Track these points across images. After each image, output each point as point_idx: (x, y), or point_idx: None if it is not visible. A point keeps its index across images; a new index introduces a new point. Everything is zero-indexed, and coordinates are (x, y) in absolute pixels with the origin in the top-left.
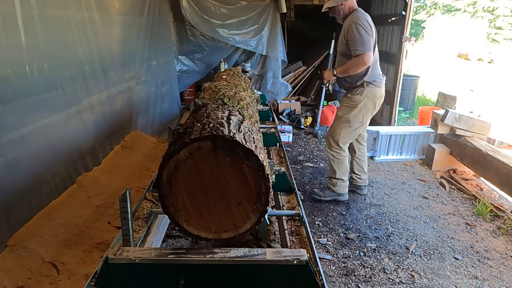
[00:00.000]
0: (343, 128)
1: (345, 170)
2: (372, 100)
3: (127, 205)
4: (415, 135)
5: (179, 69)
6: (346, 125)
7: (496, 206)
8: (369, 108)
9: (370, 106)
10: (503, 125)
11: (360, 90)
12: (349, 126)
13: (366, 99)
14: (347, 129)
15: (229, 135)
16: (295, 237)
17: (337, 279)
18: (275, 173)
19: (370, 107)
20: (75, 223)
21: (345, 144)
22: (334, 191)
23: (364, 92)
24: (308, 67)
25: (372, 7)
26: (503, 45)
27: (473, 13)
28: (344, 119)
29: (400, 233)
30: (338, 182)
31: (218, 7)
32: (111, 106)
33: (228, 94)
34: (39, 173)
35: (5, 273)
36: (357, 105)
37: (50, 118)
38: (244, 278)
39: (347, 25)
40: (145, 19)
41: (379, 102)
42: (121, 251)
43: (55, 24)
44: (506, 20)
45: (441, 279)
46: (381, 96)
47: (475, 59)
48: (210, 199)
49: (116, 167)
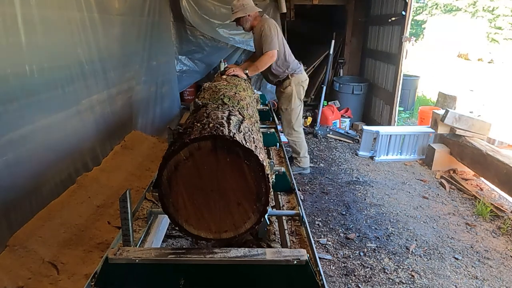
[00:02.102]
0: (292, 116)
1: (306, 148)
2: (300, 85)
3: (127, 205)
4: (415, 135)
5: (179, 69)
6: (293, 112)
7: (496, 206)
8: (301, 92)
9: (301, 90)
10: (503, 125)
11: (287, 81)
12: (295, 112)
13: (295, 87)
14: (294, 115)
15: (229, 135)
16: (295, 237)
17: (337, 279)
18: (275, 173)
19: (301, 90)
20: (75, 223)
21: (300, 127)
22: (300, 167)
23: (292, 82)
24: (308, 67)
25: (372, 7)
26: (503, 45)
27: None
28: (290, 109)
29: (400, 233)
30: (303, 159)
31: (218, 7)
32: (111, 106)
33: (228, 94)
34: (39, 173)
35: (5, 273)
36: (291, 94)
37: (50, 118)
38: (244, 278)
39: (259, 29)
40: (145, 19)
41: (305, 84)
42: (121, 251)
43: (55, 24)
44: (506, 20)
45: (441, 279)
46: (306, 79)
47: (475, 59)
48: (210, 199)
49: (116, 167)
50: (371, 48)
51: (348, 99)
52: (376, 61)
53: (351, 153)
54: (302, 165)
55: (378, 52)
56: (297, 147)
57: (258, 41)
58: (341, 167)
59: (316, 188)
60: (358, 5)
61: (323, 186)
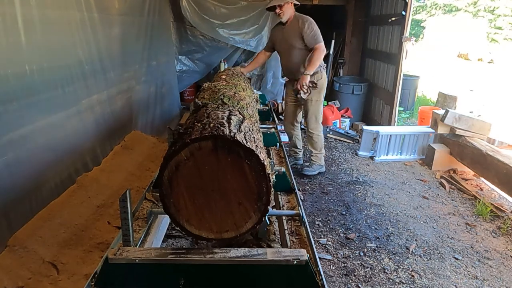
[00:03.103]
0: (320, 108)
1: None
2: (325, 80)
3: (127, 205)
4: (415, 135)
5: (179, 69)
6: (321, 105)
7: (496, 206)
8: (325, 87)
9: (325, 85)
10: (503, 125)
11: (319, 75)
12: (322, 104)
13: (324, 81)
14: (321, 108)
15: (229, 135)
16: (295, 237)
17: (337, 279)
18: (275, 173)
19: (325, 85)
20: (75, 223)
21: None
22: (319, 164)
23: (322, 75)
24: None
25: (372, 7)
26: (503, 45)
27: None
28: (319, 101)
29: (400, 233)
30: (320, 155)
31: (218, 7)
32: (111, 106)
33: (228, 94)
34: (39, 173)
35: (5, 273)
36: (322, 86)
37: (50, 118)
38: (244, 278)
39: (298, 23)
40: (145, 19)
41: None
42: (121, 251)
43: (55, 24)
44: (506, 20)
45: (441, 279)
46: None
47: (475, 59)
48: (211, 199)
49: (116, 167)
50: (371, 48)
51: (348, 99)
52: (376, 61)
53: (351, 153)
54: (321, 162)
55: (378, 52)
56: (319, 142)
57: (291, 34)
58: (341, 167)
59: (316, 188)
60: (358, 5)
61: (323, 186)
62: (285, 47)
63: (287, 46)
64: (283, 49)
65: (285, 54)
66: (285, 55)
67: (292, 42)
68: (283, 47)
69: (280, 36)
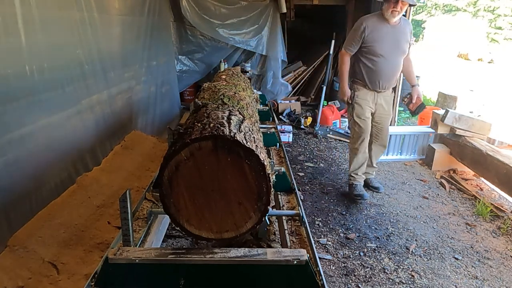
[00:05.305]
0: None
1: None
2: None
3: (127, 205)
4: (415, 135)
5: (179, 69)
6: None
7: (496, 206)
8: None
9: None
10: (503, 125)
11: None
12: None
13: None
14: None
15: (230, 135)
16: (295, 237)
17: (337, 279)
18: (275, 173)
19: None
20: (75, 223)
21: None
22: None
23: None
24: (308, 67)
25: (372, 7)
26: (503, 45)
27: (475, 13)
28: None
29: (400, 233)
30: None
31: (218, 7)
32: (111, 106)
33: (227, 94)
34: (39, 173)
35: (5, 273)
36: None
37: (50, 118)
38: (244, 278)
39: (405, 28)
40: (145, 19)
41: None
42: (121, 251)
43: (55, 24)
44: (506, 20)
45: (441, 279)
46: None
47: (475, 59)
48: (211, 199)
49: (116, 167)
50: None
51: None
52: None
53: None
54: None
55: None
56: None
57: (401, 38)
58: (341, 167)
59: (316, 188)
60: (358, 5)
61: (323, 186)
62: (394, 51)
63: (398, 51)
64: (388, 53)
65: (390, 59)
66: (390, 61)
67: (404, 47)
68: (391, 51)
69: (389, 37)
